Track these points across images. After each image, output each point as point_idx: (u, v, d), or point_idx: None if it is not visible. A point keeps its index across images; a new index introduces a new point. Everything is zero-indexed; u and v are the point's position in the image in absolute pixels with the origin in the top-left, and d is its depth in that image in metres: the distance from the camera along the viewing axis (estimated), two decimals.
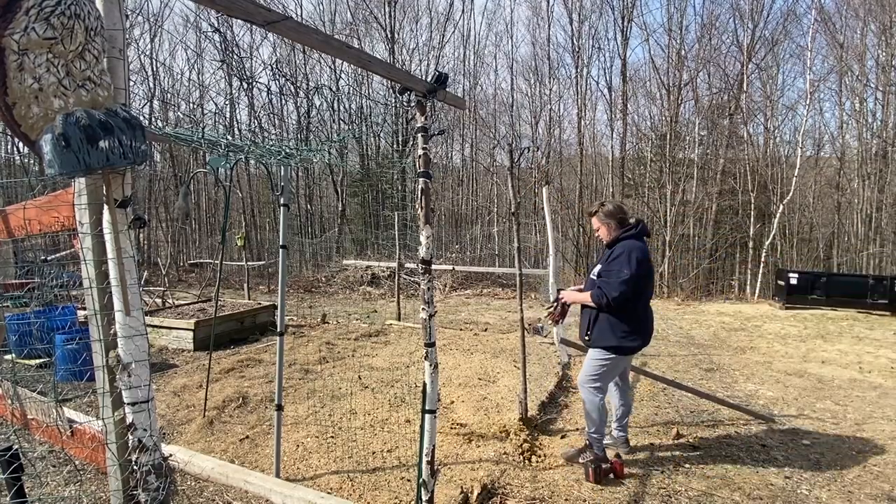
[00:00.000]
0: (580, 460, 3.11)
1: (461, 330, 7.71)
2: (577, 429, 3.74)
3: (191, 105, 20.83)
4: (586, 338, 3.14)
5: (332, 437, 3.57)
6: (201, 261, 16.99)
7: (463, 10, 32.60)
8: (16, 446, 1.72)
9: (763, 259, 15.17)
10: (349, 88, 20.19)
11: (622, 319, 2.96)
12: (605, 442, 3.13)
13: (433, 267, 2.28)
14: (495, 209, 19.98)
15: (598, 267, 3.15)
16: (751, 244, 16.13)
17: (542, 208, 6.53)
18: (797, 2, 21.34)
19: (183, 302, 8.91)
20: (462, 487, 2.77)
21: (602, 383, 3.06)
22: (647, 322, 3.06)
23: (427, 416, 2.21)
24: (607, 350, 2.99)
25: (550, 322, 3.42)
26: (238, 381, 4.89)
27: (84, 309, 3.59)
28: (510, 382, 4.70)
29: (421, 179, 2.19)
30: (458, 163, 23.11)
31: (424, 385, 2.22)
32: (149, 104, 18.59)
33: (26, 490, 1.79)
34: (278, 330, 3.12)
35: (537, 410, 4.03)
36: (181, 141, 2.82)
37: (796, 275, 9.83)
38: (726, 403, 4.09)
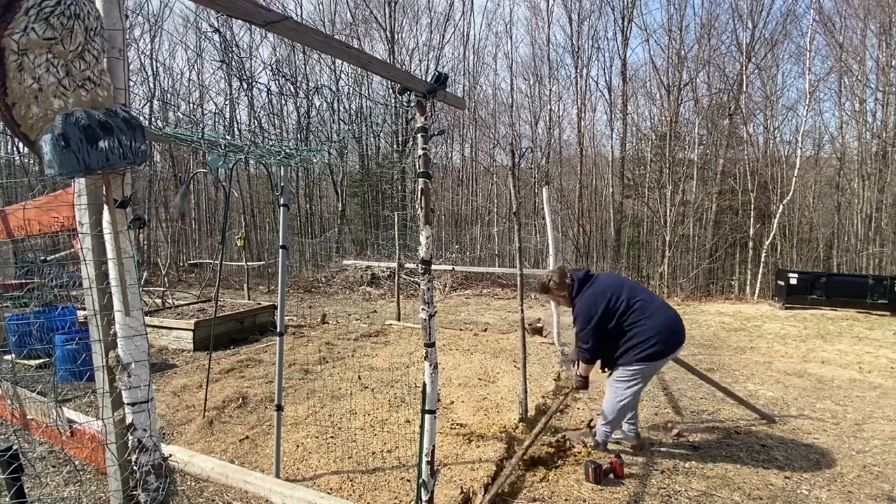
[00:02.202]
0: (581, 438, 3.24)
1: (461, 330, 7.70)
2: (578, 428, 3.74)
3: (191, 105, 20.84)
4: (607, 373, 3.27)
5: (332, 437, 3.57)
6: (201, 261, 16.98)
7: (463, 11, 32.66)
8: (16, 446, 1.72)
9: (763, 259, 15.17)
10: (349, 88, 20.19)
11: (625, 341, 3.06)
12: (614, 436, 3.24)
13: (433, 267, 2.27)
14: (495, 209, 19.99)
15: None
16: (751, 244, 16.13)
17: (542, 208, 6.53)
18: (797, 2, 21.34)
19: (183, 302, 8.91)
20: (462, 487, 2.77)
21: (637, 390, 3.10)
22: (657, 321, 3.03)
23: (427, 417, 2.21)
24: (635, 363, 3.04)
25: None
26: (238, 381, 4.89)
27: (84, 309, 3.58)
28: (510, 382, 4.69)
29: (421, 179, 2.19)
30: (458, 163, 23.13)
31: (424, 385, 2.22)
32: (149, 104, 18.60)
33: (26, 490, 1.79)
34: (278, 330, 3.11)
35: (537, 411, 4.03)
36: (181, 141, 2.82)
37: (796, 275, 9.83)
38: (745, 403, 4.03)
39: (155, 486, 1.32)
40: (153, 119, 18.61)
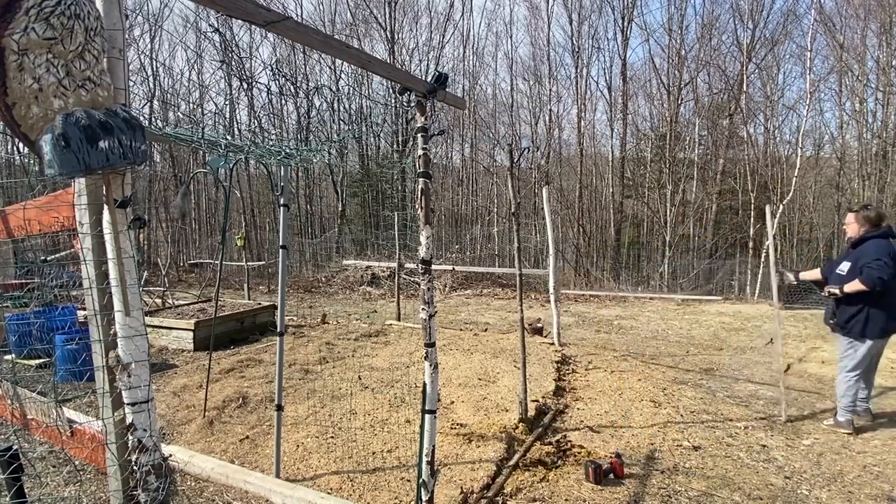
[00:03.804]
0: (829, 423, 3.84)
1: (461, 330, 7.70)
2: (578, 428, 3.75)
3: (191, 105, 20.86)
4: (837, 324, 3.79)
5: (332, 437, 3.57)
6: (201, 261, 16.99)
7: (462, 11, 32.64)
8: (16, 446, 1.72)
9: (763, 259, 15.17)
10: (349, 88, 20.19)
11: (884, 307, 3.54)
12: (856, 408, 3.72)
13: (433, 267, 2.27)
14: (495, 209, 19.99)
15: (846, 263, 3.72)
16: (751, 244, 16.13)
17: (542, 208, 6.53)
18: (797, 2, 21.37)
19: (183, 302, 8.91)
20: (462, 487, 2.77)
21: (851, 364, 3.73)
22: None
23: (427, 417, 2.21)
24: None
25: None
26: (238, 381, 4.89)
27: (84, 309, 3.58)
28: (510, 382, 4.69)
29: (421, 179, 2.19)
30: (458, 163, 23.14)
31: (424, 385, 2.22)
32: (149, 104, 18.62)
33: (26, 490, 1.79)
34: (278, 330, 3.11)
35: (537, 411, 4.03)
36: (181, 141, 2.82)
37: None
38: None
39: (155, 486, 1.32)
40: (153, 119, 18.61)
